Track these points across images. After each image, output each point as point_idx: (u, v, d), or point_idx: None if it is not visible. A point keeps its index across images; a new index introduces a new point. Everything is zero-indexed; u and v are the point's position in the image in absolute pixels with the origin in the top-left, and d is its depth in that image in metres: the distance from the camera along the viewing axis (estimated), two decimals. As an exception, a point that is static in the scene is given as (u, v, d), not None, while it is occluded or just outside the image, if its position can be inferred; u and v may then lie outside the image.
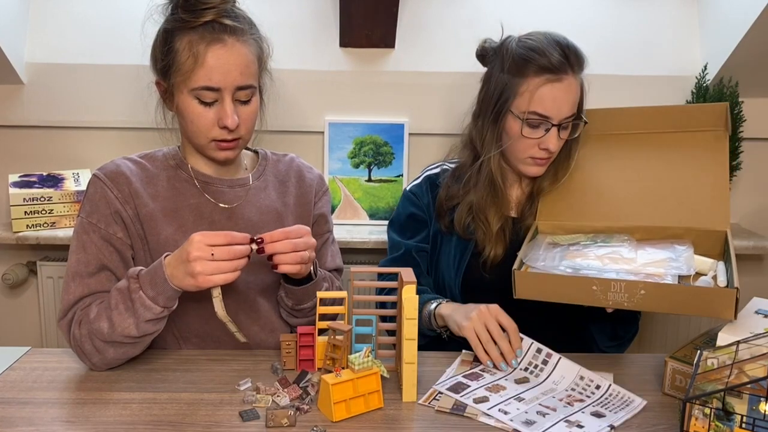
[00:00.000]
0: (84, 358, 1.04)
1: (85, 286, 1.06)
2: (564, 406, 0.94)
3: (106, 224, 1.08)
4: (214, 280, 0.96)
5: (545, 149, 1.19)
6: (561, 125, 1.19)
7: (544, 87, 1.16)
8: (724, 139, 1.19)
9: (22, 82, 1.73)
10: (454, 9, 1.78)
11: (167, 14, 1.07)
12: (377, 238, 1.69)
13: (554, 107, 1.17)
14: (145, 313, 0.98)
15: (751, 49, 1.63)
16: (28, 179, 1.70)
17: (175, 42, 1.04)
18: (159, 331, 1.03)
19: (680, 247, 1.12)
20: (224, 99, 1.05)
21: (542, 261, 1.12)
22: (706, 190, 1.17)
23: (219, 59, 1.03)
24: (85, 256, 1.06)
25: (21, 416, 0.90)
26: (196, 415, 0.91)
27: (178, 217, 1.11)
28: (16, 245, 1.75)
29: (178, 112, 1.09)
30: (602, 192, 1.23)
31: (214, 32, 1.03)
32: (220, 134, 1.07)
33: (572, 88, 1.18)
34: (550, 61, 1.16)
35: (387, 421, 0.90)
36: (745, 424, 0.75)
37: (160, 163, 1.15)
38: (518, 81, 1.18)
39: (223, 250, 0.96)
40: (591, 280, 1.02)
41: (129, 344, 1.02)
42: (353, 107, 1.79)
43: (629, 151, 1.24)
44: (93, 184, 1.10)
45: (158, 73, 1.09)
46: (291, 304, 1.14)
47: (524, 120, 1.18)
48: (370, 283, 1.35)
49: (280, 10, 1.77)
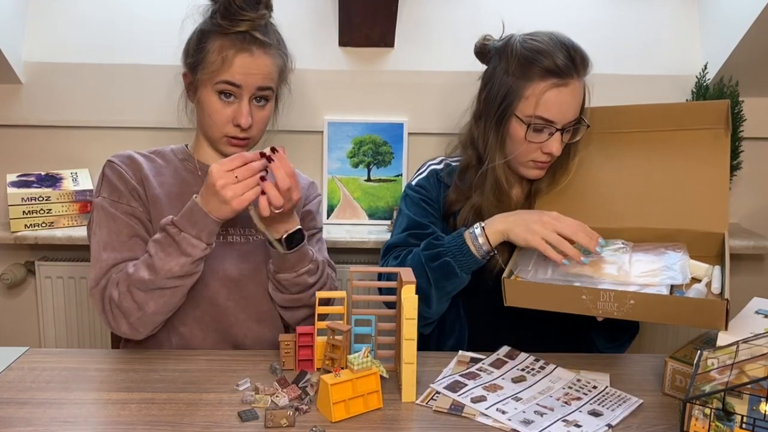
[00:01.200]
0: (121, 319, 1.06)
1: (118, 252, 1.10)
2: (561, 405, 0.94)
3: (128, 200, 1.14)
4: (246, 199, 1.02)
5: (548, 153, 1.18)
6: (564, 129, 1.18)
7: (550, 92, 1.15)
8: (725, 138, 1.17)
9: (20, 81, 1.73)
10: (453, 8, 1.78)
11: (206, 16, 1.16)
12: (376, 238, 1.69)
13: (560, 112, 1.16)
14: (190, 250, 1.03)
15: (752, 49, 1.62)
16: (26, 179, 1.70)
17: (208, 43, 1.13)
18: (200, 272, 1.08)
19: (675, 254, 1.10)
20: (242, 99, 1.14)
21: (532, 271, 1.10)
22: (704, 190, 1.15)
23: (244, 65, 1.12)
24: (115, 226, 1.12)
25: (19, 416, 0.90)
26: (194, 415, 0.91)
27: (181, 203, 1.12)
28: (14, 245, 1.74)
29: (199, 104, 1.17)
30: (598, 192, 1.22)
31: (244, 42, 1.12)
32: (233, 131, 1.15)
33: (577, 92, 1.17)
34: (556, 65, 1.14)
35: (386, 422, 0.90)
36: (745, 425, 0.75)
37: (167, 157, 1.23)
38: (523, 84, 1.16)
39: (243, 169, 1.02)
40: (580, 289, 1.01)
41: (170, 289, 1.05)
42: (352, 107, 1.78)
43: (627, 150, 1.23)
44: (109, 167, 1.17)
45: (187, 67, 1.18)
46: (273, 270, 1.15)
47: (529, 125, 1.16)
48: (369, 283, 1.35)
49: (278, 9, 1.75)
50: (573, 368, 1.05)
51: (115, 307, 1.06)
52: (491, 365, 1.06)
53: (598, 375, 1.04)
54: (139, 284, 1.04)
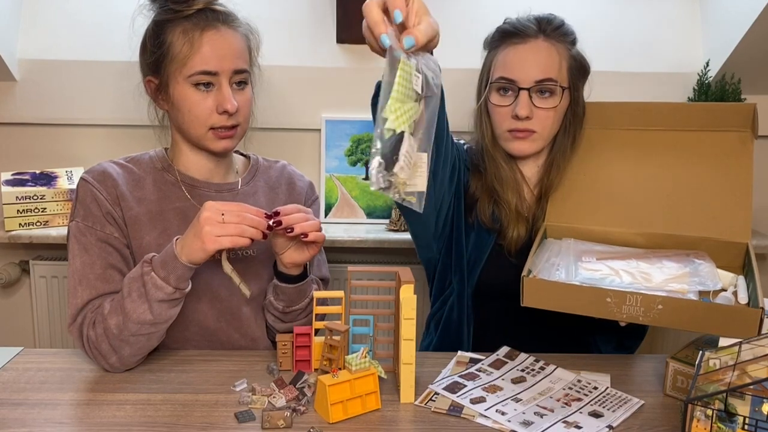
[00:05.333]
0: (101, 359, 1.02)
1: (93, 288, 1.05)
2: (561, 406, 0.94)
3: (101, 226, 1.07)
4: (221, 242, 0.95)
5: (516, 117, 1.17)
6: (532, 89, 1.16)
7: (507, 49, 1.18)
8: (750, 141, 1.11)
9: (14, 78, 1.71)
10: (452, 5, 1.77)
11: (156, 8, 1.08)
12: (374, 237, 1.68)
13: (519, 69, 1.16)
14: (156, 293, 0.97)
15: (754, 46, 1.62)
16: (20, 177, 1.69)
17: (167, 33, 1.05)
18: (172, 318, 1.02)
19: (698, 261, 1.06)
20: (221, 84, 1.06)
21: (556, 270, 1.06)
22: (727, 196, 1.10)
23: (214, 44, 1.05)
24: (89, 258, 1.06)
25: (13, 417, 0.89)
26: (191, 416, 0.90)
27: (162, 221, 1.10)
28: (8, 244, 1.73)
29: (174, 104, 1.08)
30: (615, 193, 1.16)
31: (207, 19, 1.05)
32: (219, 120, 1.07)
33: (541, 50, 1.16)
34: (516, 28, 1.18)
35: (385, 423, 0.89)
36: (747, 426, 0.74)
37: (146, 166, 1.14)
38: (493, 54, 1.21)
39: (233, 213, 0.96)
40: (606, 291, 0.96)
41: (144, 335, 1.00)
42: (350, 104, 1.77)
43: (646, 150, 1.17)
44: (82, 187, 1.09)
45: (149, 68, 1.09)
46: (282, 307, 1.11)
47: (491, 87, 1.19)
48: (368, 283, 1.34)
49: (276, 6, 1.76)
50: (573, 369, 1.04)
51: (94, 347, 1.02)
52: (491, 366, 1.06)
53: (599, 376, 1.03)
54: (114, 329, 0.99)
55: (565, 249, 1.13)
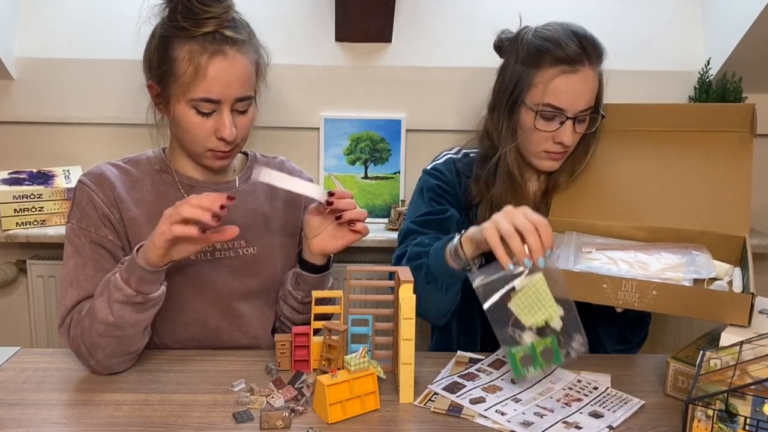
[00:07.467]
0: (83, 360, 1.02)
1: (83, 289, 1.04)
2: (561, 406, 0.93)
3: (96, 228, 1.07)
4: (165, 234, 0.92)
5: (559, 143, 1.18)
6: (576, 119, 1.17)
7: (558, 78, 1.14)
8: (749, 141, 1.16)
9: (11, 77, 1.71)
10: (452, 2, 1.76)
11: (164, 18, 1.05)
12: (374, 237, 1.67)
13: (569, 99, 1.15)
14: (116, 293, 0.95)
15: (755, 44, 1.61)
16: (17, 176, 1.68)
17: (174, 50, 1.02)
18: (140, 323, 0.99)
19: (695, 252, 1.09)
20: (222, 110, 1.04)
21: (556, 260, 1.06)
22: (726, 193, 1.13)
23: (220, 72, 1.02)
24: (81, 260, 1.06)
25: (10, 417, 0.89)
26: (188, 416, 0.90)
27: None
28: (5, 243, 1.72)
29: (174, 120, 1.07)
30: (618, 190, 1.20)
31: (215, 43, 1.01)
32: (217, 145, 1.06)
33: (588, 80, 1.16)
34: (565, 52, 1.14)
35: (384, 423, 0.89)
36: (748, 426, 0.74)
37: (144, 167, 1.13)
38: (533, 72, 1.16)
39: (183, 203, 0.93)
40: (602, 278, 1.00)
41: (112, 337, 0.98)
42: (349, 103, 1.77)
43: (649, 149, 1.22)
44: (79, 189, 1.09)
45: (153, 77, 1.07)
46: (301, 297, 1.12)
47: (538, 112, 1.16)
48: (367, 283, 1.33)
49: (274, 4, 1.75)
50: (573, 369, 1.04)
51: (76, 349, 1.01)
52: (490, 366, 1.05)
53: (599, 376, 1.03)
54: (87, 330, 0.98)
55: (566, 241, 1.15)
